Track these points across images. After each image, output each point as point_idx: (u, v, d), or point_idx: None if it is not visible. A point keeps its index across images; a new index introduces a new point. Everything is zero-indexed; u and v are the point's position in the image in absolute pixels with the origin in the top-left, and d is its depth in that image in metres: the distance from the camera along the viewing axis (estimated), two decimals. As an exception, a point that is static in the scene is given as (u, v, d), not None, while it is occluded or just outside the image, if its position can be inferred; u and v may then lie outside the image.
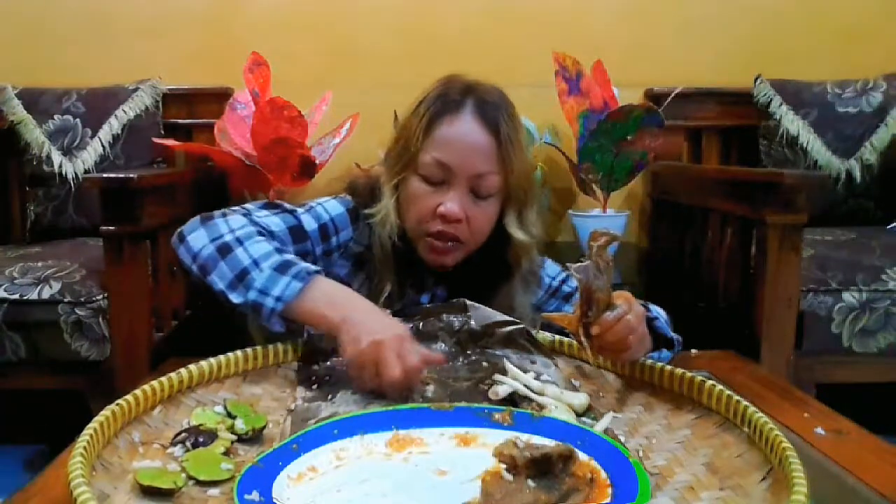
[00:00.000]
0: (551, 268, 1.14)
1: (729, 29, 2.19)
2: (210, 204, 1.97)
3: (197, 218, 0.94)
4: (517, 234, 1.01)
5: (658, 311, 0.95)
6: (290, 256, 0.89)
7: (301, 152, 1.81)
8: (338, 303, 0.85)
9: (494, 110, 0.98)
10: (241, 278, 0.85)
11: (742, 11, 2.20)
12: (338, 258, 1.04)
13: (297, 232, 0.98)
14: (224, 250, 0.87)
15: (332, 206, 1.04)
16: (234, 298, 0.85)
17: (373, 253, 1.02)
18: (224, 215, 0.93)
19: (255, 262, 0.86)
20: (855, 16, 2.18)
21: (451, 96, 0.99)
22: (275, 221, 0.97)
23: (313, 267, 0.88)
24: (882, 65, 2.06)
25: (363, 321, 0.82)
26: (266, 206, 0.99)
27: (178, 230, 0.94)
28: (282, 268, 0.86)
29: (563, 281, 1.11)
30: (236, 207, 0.96)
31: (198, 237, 0.90)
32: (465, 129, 0.97)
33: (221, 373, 0.82)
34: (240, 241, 0.88)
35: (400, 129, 1.04)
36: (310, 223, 1.00)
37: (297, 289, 0.84)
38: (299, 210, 1.01)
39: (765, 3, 2.20)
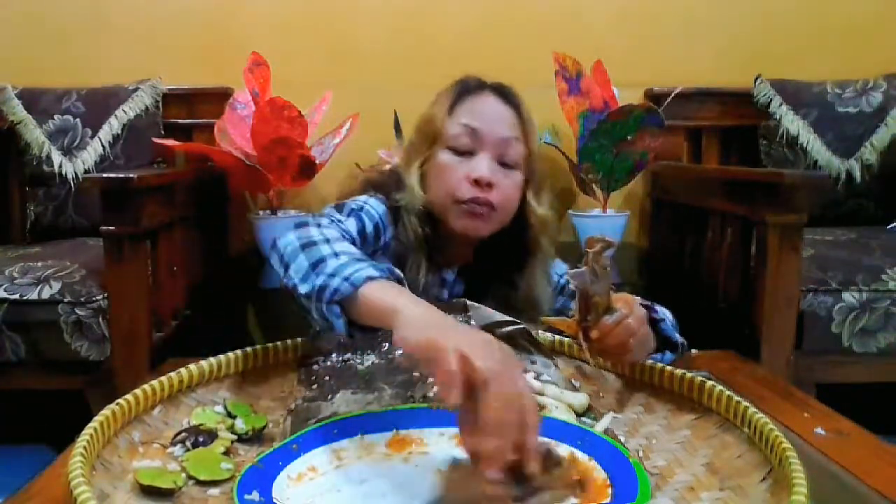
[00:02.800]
0: (560, 266, 1.17)
1: (729, 29, 2.20)
2: (210, 204, 2.00)
3: (291, 225, 0.90)
4: (538, 208, 1.05)
5: (664, 313, 0.94)
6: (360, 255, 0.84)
7: (301, 152, 1.81)
8: (412, 298, 0.72)
9: (512, 92, 1.08)
10: (315, 266, 0.79)
11: (742, 11, 2.20)
12: (381, 256, 1.04)
13: (363, 234, 0.99)
14: (307, 245, 0.82)
15: (376, 205, 1.04)
16: (303, 289, 0.77)
17: (405, 244, 1.03)
18: (318, 224, 0.89)
19: (336, 254, 0.80)
20: (855, 16, 2.18)
21: (471, 82, 1.08)
22: (352, 225, 0.96)
23: (398, 271, 0.80)
24: (882, 65, 2.07)
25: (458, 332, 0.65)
26: (339, 210, 0.98)
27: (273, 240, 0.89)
28: (361, 260, 0.79)
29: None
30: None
31: (287, 240, 0.85)
32: (489, 101, 1.05)
33: (221, 373, 0.82)
34: (327, 240, 0.83)
35: (420, 121, 1.09)
36: (369, 224, 1.00)
37: (369, 274, 0.75)
38: (354, 206, 1.00)
39: (765, 3, 2.20)
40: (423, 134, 1.07)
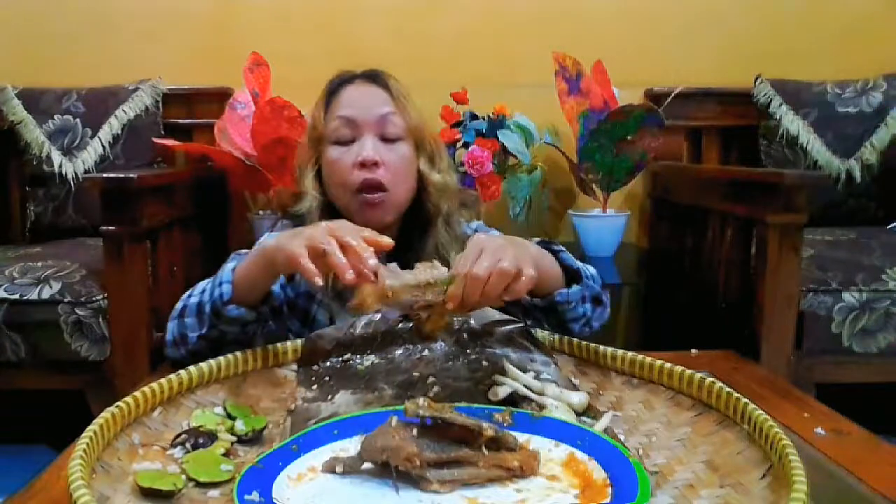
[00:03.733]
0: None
1: (729, 29, 2.20)
2: (210, 204, 2.00)
3: None
4: (432, 175, 1.08)
5: (562, 251, 0.96)
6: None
7: (301, 152, 1.81)
8: (267, 242, 0.87)
9: (381, 74, 1.11)
10: (198, 311, 0.91)
11: (742, 11, 2.20)
12: (301, 279, 1.06)
13: None
14: (182, 312, 0.93)
15: (265, 239, 1.07)
16: (206, 329, 0.90)
17: None
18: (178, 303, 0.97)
19: (202, 292, 0.92)
20: (855, 16, 2.19)
21: (341, 78, 1.12)
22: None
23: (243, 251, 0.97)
24: (882, 65, 2.07)
25: (293, 234, 0.82)
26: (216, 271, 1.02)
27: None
28: (216, 273, 0.92)
29: None
30: None
31: (168, 329, 0.95)
32: (358, 88, 1.09)
33: (221, 374, 0.81)
34: (189, 296, 0.94)
35: (305, 133, 1.13)
36: None
37: (231, 267, 0.90)
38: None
39: (765, 3, 2.20)
40: (309, 140, 1.10)
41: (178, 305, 0.94)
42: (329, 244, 0.75)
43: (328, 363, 0.86)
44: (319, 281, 0.75)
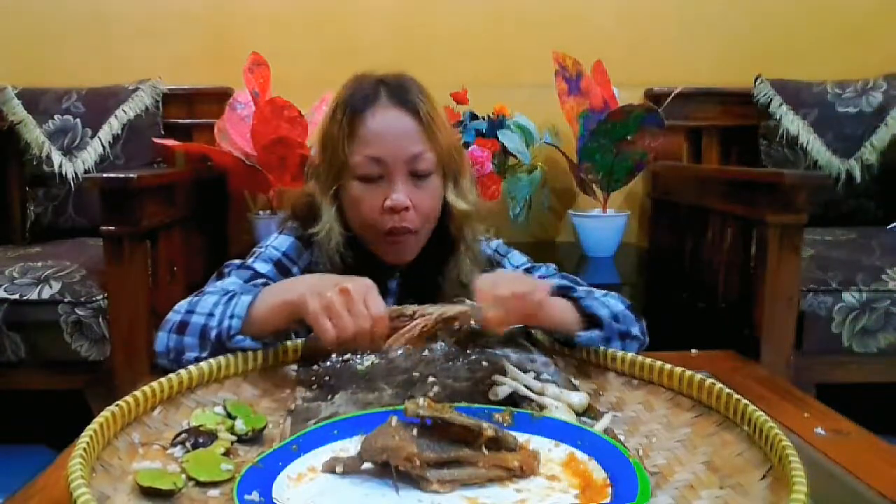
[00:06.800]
0: (517, 258, 1.12)
1: (729, 29, 2.20)
2: (210, 204, 2.00)
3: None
4: (458, 203, 1.02)
5: (608, 303, 0.92)
6: (236, 289, 0.90)
7: (301, 152, 1.82)
8: (292, 286, 0.85)
9: (408, 93, 1.00)
10: (202, 332, 0.85)
11: (742, 11, 2.20)
12: None
13: (254, 280, 0.99)
14: (181, 327, 0.87)
15: (281, 242, 1.05)
16: (205, 354, 0.84)
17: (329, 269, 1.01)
18: (175, 311, 0.91)
19: (210, 315, 0.86)
20: (855, 16, 2.19)
21: (363, 91, 1.00)
22: (230, 282, 0.96)
23: (260, 280, 0.93)
24: (882, 65, 2.07)
25: (323, 281, 0.83)
26: (217, 276, 1.00)
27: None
28: (230, 298, 0.87)
29: (528, 270, 1.10)
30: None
31: (160, 339, 0.89)
32: (386, 118, 0.98)
33: (221, 373, 0.81)
34: (190, 311, 0.88)
35: (322, 138, 1.03)
36: (263, 267, 1.01)
37: (247, 301, 0.84)
38: (250, 260, 1.02)
39: (765, 3, 2.20)
40: (329, 163, 1.01)
41: (175, 318, 0.88)
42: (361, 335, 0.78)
43: (328, 363, 0.86)
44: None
